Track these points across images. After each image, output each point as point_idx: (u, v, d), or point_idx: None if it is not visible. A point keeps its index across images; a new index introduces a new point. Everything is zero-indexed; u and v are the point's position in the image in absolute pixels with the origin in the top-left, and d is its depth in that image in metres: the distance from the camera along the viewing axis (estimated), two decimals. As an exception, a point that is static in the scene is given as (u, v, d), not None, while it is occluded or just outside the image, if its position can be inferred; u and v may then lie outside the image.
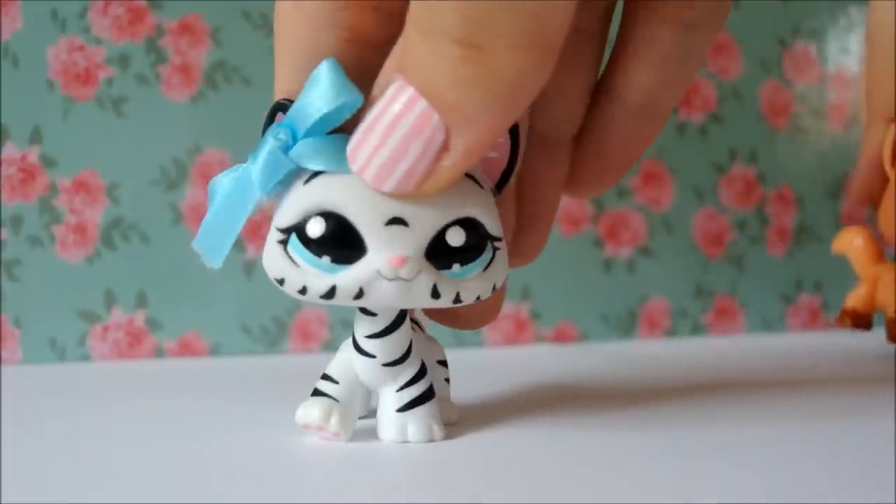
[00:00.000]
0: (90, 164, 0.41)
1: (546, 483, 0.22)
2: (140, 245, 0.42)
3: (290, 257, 0.24)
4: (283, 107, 0.24)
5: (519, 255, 0.28)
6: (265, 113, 0.25)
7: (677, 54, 0.27)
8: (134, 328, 0.42)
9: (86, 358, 0.42)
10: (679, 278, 0.47)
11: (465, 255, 0.24)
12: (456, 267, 0.24)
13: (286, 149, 0.23)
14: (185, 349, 0.42)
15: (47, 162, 0.41)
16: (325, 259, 0.23)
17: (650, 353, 0.43)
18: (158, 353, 0.42)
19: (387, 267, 0.23)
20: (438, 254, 0.23)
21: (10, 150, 0.41)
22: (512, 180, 0.26)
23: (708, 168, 0.48)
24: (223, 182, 0.25)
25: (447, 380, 0.28)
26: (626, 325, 0.47)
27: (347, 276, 0.23)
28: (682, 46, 0.27)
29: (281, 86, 0.25)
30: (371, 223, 0.23)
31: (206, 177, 0.42)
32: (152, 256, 0.42)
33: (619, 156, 0.28)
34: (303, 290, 0.24)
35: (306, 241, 0.23)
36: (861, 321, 0.42)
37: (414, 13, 0.22)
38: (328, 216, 0.23)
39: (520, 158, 0.25)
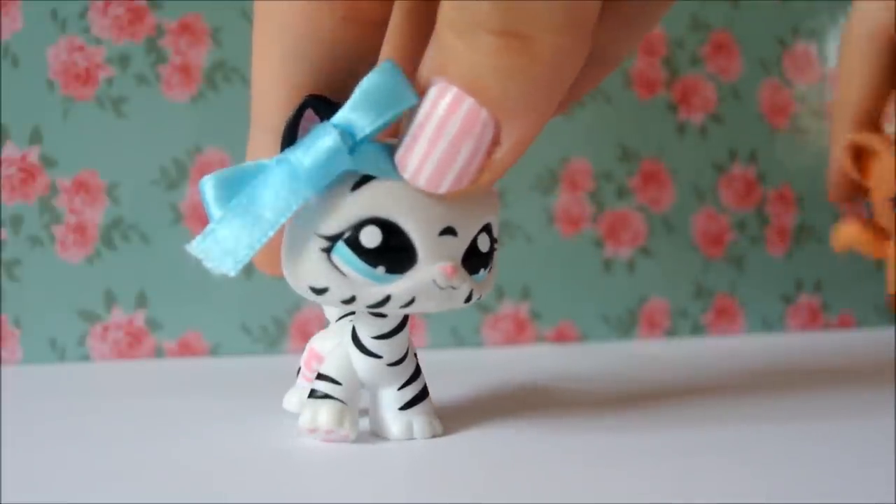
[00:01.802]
0: (90, 164, 0.41)
1: (545, 482, 0.22)
2: (140, 245, 0.42)
3: (334, 266, 0.23)
4: (313, 103, 0.23)
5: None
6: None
7: (632, 21, 0.27)
8: (134, 328, 0.42)
9: (86, 358, 0.42)
10: (679, 278, 0.47)
11: (488, 259, 0.24)
12: (482, 272, 0.24)
13: (352, 150, 0.22)
14: (185, 349, 0.42)
15: (47, 162, 0.41)
16: (381, 269, 0.23)
17: (650, 353, 0.43)
18: (158, 353, 0.42)
19: (441, 277, 0.23)
20: (471, 259, 0.24)
21: (10, 150, 0.41)
22: None
23: (708, 168, 0.48)
24: (211, 182, 0.23)
25: None
26: (626, 325, 0.47)
27: (401, 286, 0.23)
28: (636, 14, 0.27)
29: (272, 72, 0.24)
30: (425, 233, 0.23)
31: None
32: (152, 256, 0.42)
33: (569, 95, 0.29)
34: (350, 300, 0.23)
35: (359, 250, 0.23)
36: None
37: (446, 14, 0.22)
38: (384, 225, 0.23)
39: None
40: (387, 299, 0.23)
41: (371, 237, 0.23)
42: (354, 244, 0.23)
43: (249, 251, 0.23)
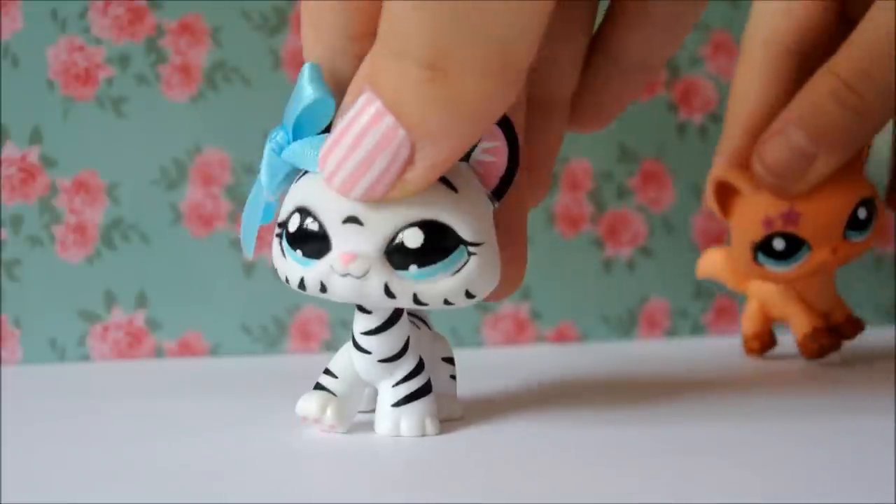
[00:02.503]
0: (90, 164, 0.41)
1: (545, 482, 0.22)
2: (140, 245, 0.42)
3: (281, 249, 0.25)
4: None
5: (533, 202, 0.31)
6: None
7: (667, 22, 0.28)
8: (134, 328, 0.42)
9: (86, 358, 0.42)
10: (679, 278, 0.47)
11: (424, 257, 0.24)
12: (413, 268, 0.24)
13: (280, 150, 0.25)
14: (185, 349, 0.42)
15: (47, 162, 0.41)
16: (299, 252, 0.25)
17: (650, 353, 0.43)
18: (158, 353, 0.42)
19: (338, 263, 0.24)
20: (397, 254, 0.24)
21: (10, 150, 0.41)
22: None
23: (708, 168, 0.48)
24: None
25: (453, 377, 0.29)
26: (626, 325, 0.47)
27: (312, 270, 0.24)
28: (672, 15, 0.28)
29: None
30: (331, 220, 0.24)
31: (206, 177, 0.42)
32: (152, 256, 0.42)
33: (613, 106, 0.31)
34: (286, 280, 0.25)
35: (288, 235, 0.25)
36: (768, 342, 0.40)
37: (383, 32, 0.22)
38: (302, 212, 0.24)
39: (520, 163, 0.26)
40: (302, 281, 0.25)
41: (293, 223, 0.25)
42: (284, 229, 0.25)
43: (249, 247, 0.27)
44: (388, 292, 0.24)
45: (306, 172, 0.25)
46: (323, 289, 0.24)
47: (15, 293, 0.41)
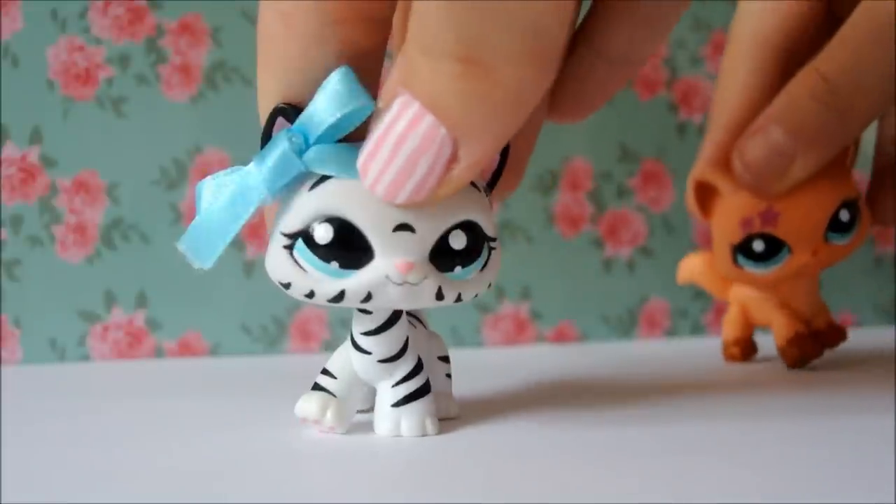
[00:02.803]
0: (90, 164, 0.41)
1: (545, 482, 0.22)
2: (140, 245, 0.42)
3: (296, 262, 0.24)
4: (283, 111, 0.24)
5: (499, 192, 0.29)
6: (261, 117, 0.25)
7: (651, 20, 0.28)
8: (134, 328, 0.42)
9: (86, 358, 0.42)
10: (679, 278, 0.47)
11: (467, 257, 0.24)
12: (458, 269, 0.24)
13: (300, 152, 0.24)
14: (185, 349, 0.42)
15: (47, 162, 0.41)
16: (334, 264, 0.24)
17: (650, 353, 0.43)
18: (158, 353, 0.42)
19: (395, 273, 0.24)
20: (442, 256, 0.24)
21: (10, 150, 0.41)
22: None
23: (708, 168, 0.48)
24: (210, 185, 0.25)
25: (448, 375, 0.29)
26: (626, 325, 0.47)
27: (356, 281, 0.24)
28: (655, 13, 0.28)
29: (267, 106, 0.25)
30: (379, 229, 0.23)
31: (206, 177, 0.42)
32: (152, 256, 0.42)
33: (596, 98, 0.30)
34: (310, 294, 0.24)
35: (314, 247, 0.24)
36: (749, 349, 0.39)
37: (413, 31, 0.22)
38: (335, 221, 0.24)
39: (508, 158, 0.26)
40: (341, 294, 0.24)
41: (323, 234, 0.24)
42: (309, 241, 0.24)
43: (211, 258, 0.25)
44: (440, 295, 0.24)
45: (323, 180, 0.24)
46: (367, 298, 0.24)
47: (15, 293, 0.41)
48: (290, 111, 0.24)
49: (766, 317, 0.38)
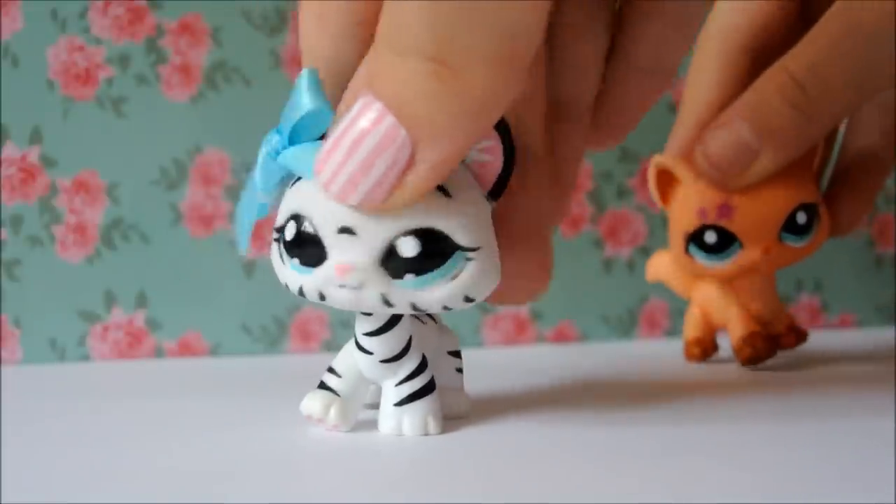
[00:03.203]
0: (90, 164, 0.41)
1: (545, 481, 0.22)
2: (140, 245, 0.42)
3: (280, 255, 0.25)
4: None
5: (559, 214, 0.30)
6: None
7: (678, 22, 0.28)
8: (134, 328, 0.42)
9: (86, 358, 0.42)
10: (679, 278, 0.47)
11: (420, 265, 0.24)
12: (409, 277, 0.24)
13: (276, 154, 0.24)
14: (185, 349, 0.42)
15: (47, 162, 0.41)
16: (296, 260, 0.24)
17: (650, 353, 0.43)
18: (158, 353, 0.42)
19: (333, 275, 0.24)
20: (392, 263, 0.24)
21: (10, 150, 0.41)
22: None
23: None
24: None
25: (459, 370, 0.29)
26: (626, 325, 0.47)
27: (311, 279, 0.24)
28: (682, 14, 0.28)
29: None
30: (326, 229, 0.24)
31: (207, 177, 0.42)
32: (152, 256, 0.42)
33: (633, 111, 0.30)
34: (286, 286, 0.25)
35: (283, 242, 0.25)
36: (710, 349, 0.39)
37: (383, 29, 0.22)
38: (298, 220, 0.24)
39: (516, 160, 0.25)
40: (301, 289, 0.25)
41: (289, 231, 0.24)
42: (282, 236, 0.25)
43: (243, 243, 0.27)
44: (386, 302, 0.24)
45: (299, 178, 0.25)
46: (322, 297, 0.24)
47: (15, 293, 0.41)
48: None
49: (724, 317, 0.38)
